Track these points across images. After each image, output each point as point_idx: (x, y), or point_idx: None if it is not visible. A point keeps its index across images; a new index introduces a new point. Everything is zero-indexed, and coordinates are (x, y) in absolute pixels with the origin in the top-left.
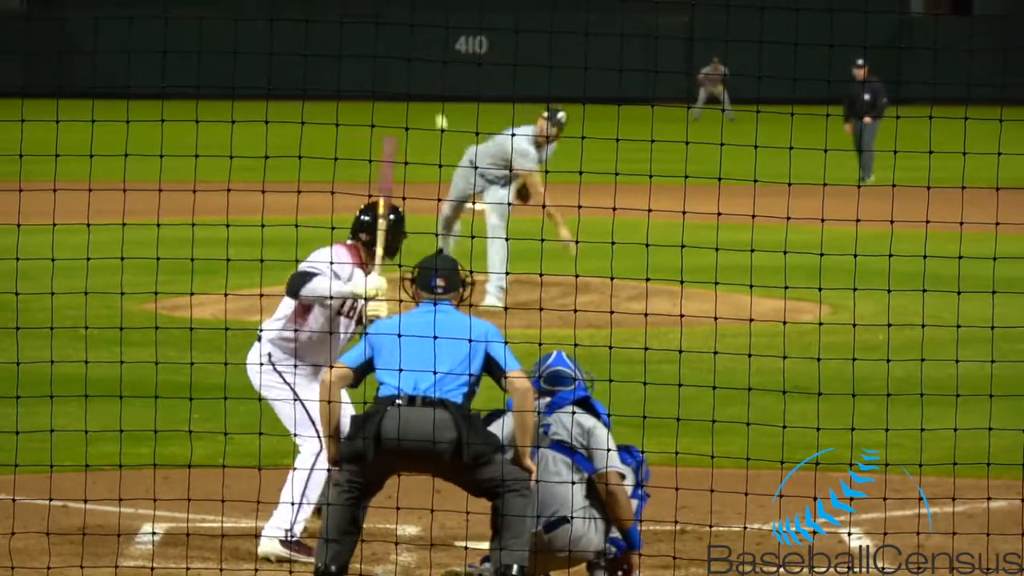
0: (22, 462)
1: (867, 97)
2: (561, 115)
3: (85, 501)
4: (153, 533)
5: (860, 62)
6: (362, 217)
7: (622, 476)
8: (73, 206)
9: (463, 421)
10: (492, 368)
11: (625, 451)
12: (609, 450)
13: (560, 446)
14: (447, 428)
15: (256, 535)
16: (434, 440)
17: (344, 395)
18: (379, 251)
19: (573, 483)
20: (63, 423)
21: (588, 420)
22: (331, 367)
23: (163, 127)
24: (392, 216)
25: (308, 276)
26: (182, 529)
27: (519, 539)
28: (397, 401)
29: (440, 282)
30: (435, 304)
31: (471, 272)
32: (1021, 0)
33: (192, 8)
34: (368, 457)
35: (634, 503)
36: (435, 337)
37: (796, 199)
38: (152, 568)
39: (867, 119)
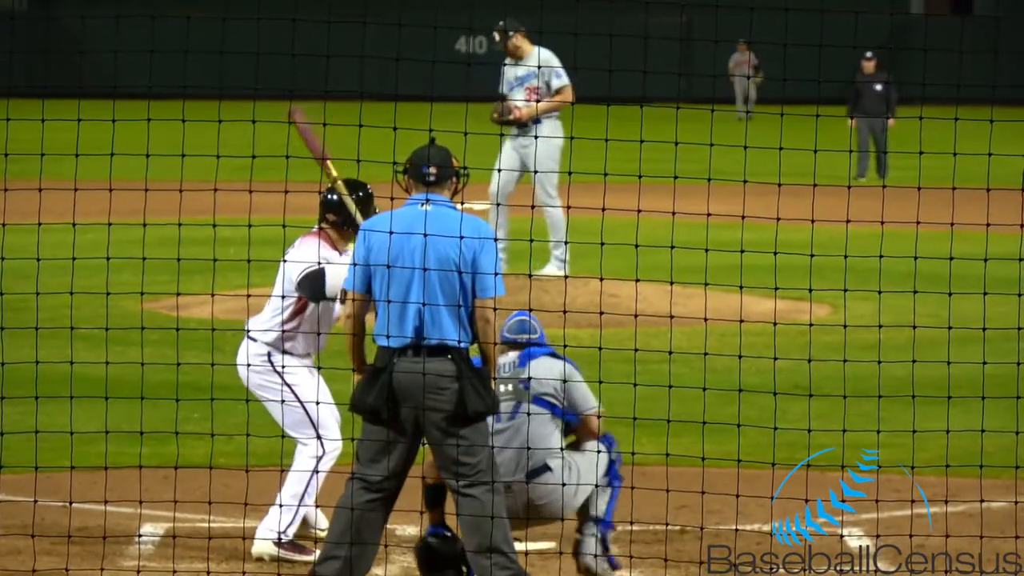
0: (7, 463)
1: (879, 88)
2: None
3: (71, 502)
4: (139, 535)
5: (868, 55)
6: (329, 196)
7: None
8: (59, 206)
9: (467, 369)
10: (473, 280)
11: (603, 439)
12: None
13: (541, 400)
14: (449, 380)
15: (244, 536)
16: (424, 399)
17: (324, 391)
18: (360, 220)
19: (563, 450)
20: (49, 423)
21: (565, 369)
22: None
23: (149, 126)
24: (360, 193)
25: (320, 275)
26: (170, 530)
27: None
28: (396, 359)
29: (432, 170)
30: (427, 198)
31: (465, 168)
32: (1019, 1)
33: (179, 7)
34: (383, 415)
35: (608, 491)
36: (425, 235)
37: (790, 199)
38: (138, 570)
39: (891, 122)
